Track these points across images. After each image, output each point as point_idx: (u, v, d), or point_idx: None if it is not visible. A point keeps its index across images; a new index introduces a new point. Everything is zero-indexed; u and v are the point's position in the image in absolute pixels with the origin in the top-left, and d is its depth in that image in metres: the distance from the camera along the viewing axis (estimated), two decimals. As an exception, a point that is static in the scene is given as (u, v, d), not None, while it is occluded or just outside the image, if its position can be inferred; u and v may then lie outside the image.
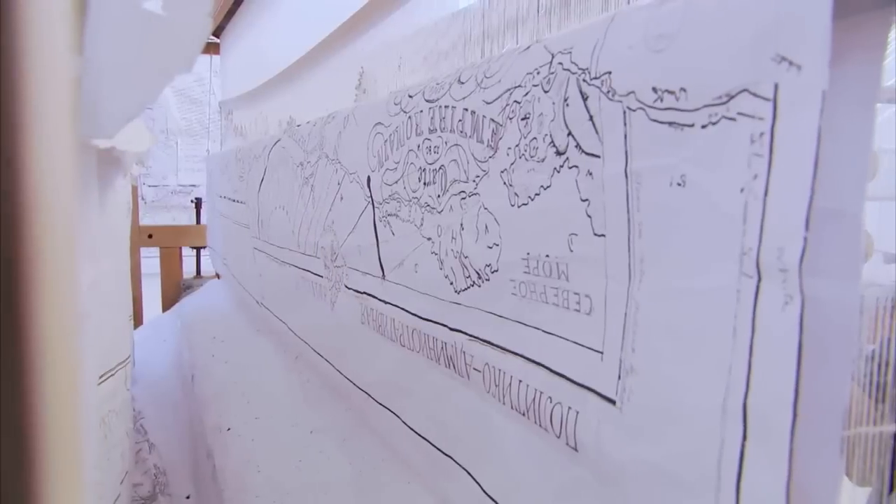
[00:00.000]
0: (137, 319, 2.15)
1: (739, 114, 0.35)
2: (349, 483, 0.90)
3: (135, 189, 1.86)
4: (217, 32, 2.35)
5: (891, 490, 0.59)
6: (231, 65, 2.32)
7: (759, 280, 0.33)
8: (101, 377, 0.62)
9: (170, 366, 1.75)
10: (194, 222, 2.57)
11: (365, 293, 0.90)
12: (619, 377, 0.43)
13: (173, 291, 2.33)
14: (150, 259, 2.33)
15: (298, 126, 1.26)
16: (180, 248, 2.38)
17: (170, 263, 2.33)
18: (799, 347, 0.31)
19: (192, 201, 2.63)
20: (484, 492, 0.61)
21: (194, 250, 2.46)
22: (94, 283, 0.48)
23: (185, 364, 1.67)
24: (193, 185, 4.42)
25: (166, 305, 2.31)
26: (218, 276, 2.32)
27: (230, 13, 2.10)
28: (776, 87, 0.33)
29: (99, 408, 0.63)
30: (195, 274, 2.47)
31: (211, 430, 1.22)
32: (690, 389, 0.37)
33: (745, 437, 0.33)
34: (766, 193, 0.33)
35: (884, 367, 0.51)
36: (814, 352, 0.32)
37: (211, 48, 2.45)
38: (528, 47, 0.54)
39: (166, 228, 2.47)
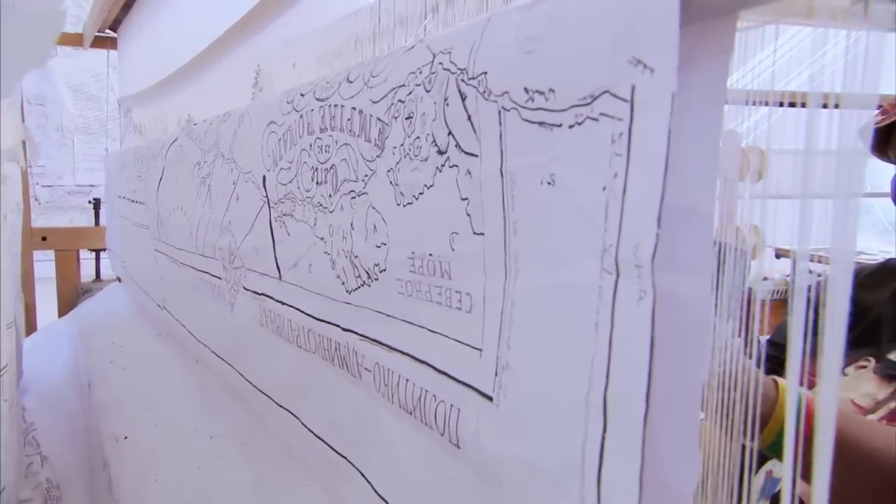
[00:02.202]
0: (30, 326, 2.05)
1: (602, 114, 0.36)
2: (248, 488, 0.89)
3: (26, 189, 1.77)
4: (114, 26, 2.26)
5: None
6: (129, 60, 2.24)
7: (618, 276, 0.34)
8: (-30, 388, 0.59)
9: (65, 374, 1.67)
10: (93, 224, 2.47)
11: (263, 294, 0.89)
12: (496, 374, 0.43)
13: (70, 296, 2.23)
14: (46, 263, 2.23)
15: (196, 125, 1.23)
16: (77, 251, 2.28)
17: (66, 267, 2.23)
18: (651, 341, 0.32)
19: (90, 202, 2.53)
20: (375, 491, 0.61)
21: (93, 253, 2.36)
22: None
23: (81, 371, 1.60)
24: (92, 186, 4.24)
25: (63, 311, 2.21)
26: (119, 279, 2.24)
27: (127, 6, 2.03)
28: (633, 88, 0.34)
29: (-32, 421, 0.59)
30: (94, 277, 2.38)
31: (107, 439, 1.18)
32: (558, 384, 0.38)
33: (605, 429, 0.34)
34: (624, 192, 0.34)
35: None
36: (670, 344, 0.33)
37: (108, 42, 2.36)
38: (412, 47, 0.54)
39: (62, 230, 2.36)
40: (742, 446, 0.42)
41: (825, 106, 0.30)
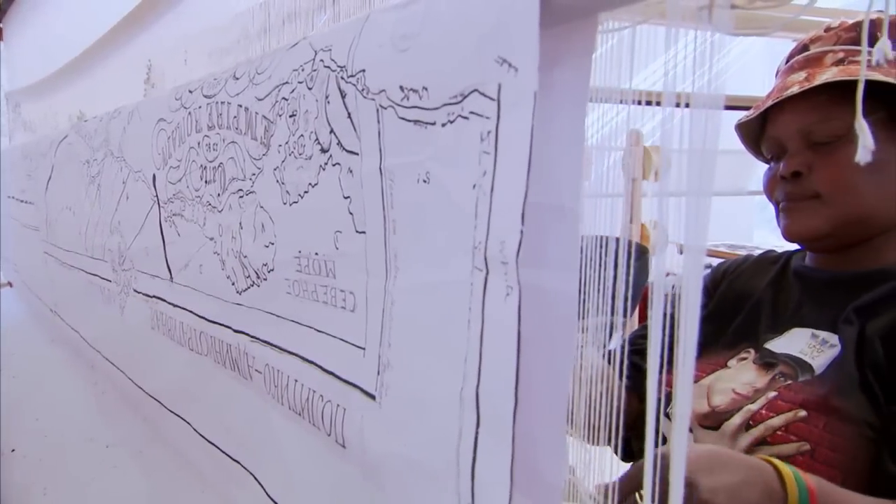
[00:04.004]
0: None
1: (472, 112, 0.36)
2: (143, 498, 0.86)
3: None
4: None
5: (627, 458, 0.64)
6: (17, 52, 2.13)
7: (487, 273, 0.34)
8: None
9: (-52, 387, 1.58)
10: (-20, 226, 2.33)
11: (154, 297, 0.86)
12: (379, 372, 0.43)
13: (-44, 303, 2.10)
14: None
15: (86, 121, 1.18)
16: (-37, 255, 2.15)
17: (-50, 272, 2.10)
18: (518, 336, 0.32)
19: (-24, 203, 2.39)
20: (267, 495, 0.60)
21: (-19, 257, 2.23)
22: None
23: (-34, 382, 1.51)
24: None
25: (-53, 319, 2.08)
26: (10, 284, 2.12)
27: (13, -4, 1.93)
28: (499, 87, 0.34)
29: None
30: (-17, 283, 2.25)
31: (-8, 453, 1.12)
32: (434, 381, 0.38)
33: (478, 425, 0.34)
34: (492, 189, 0.34)
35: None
36: (539, 339, 0.33)
37: (-7, 33, 2.23)
38: (296, 44, 0.53)
39: (-54, 233, 2.22)
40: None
41: (678, 105, 0.31)
